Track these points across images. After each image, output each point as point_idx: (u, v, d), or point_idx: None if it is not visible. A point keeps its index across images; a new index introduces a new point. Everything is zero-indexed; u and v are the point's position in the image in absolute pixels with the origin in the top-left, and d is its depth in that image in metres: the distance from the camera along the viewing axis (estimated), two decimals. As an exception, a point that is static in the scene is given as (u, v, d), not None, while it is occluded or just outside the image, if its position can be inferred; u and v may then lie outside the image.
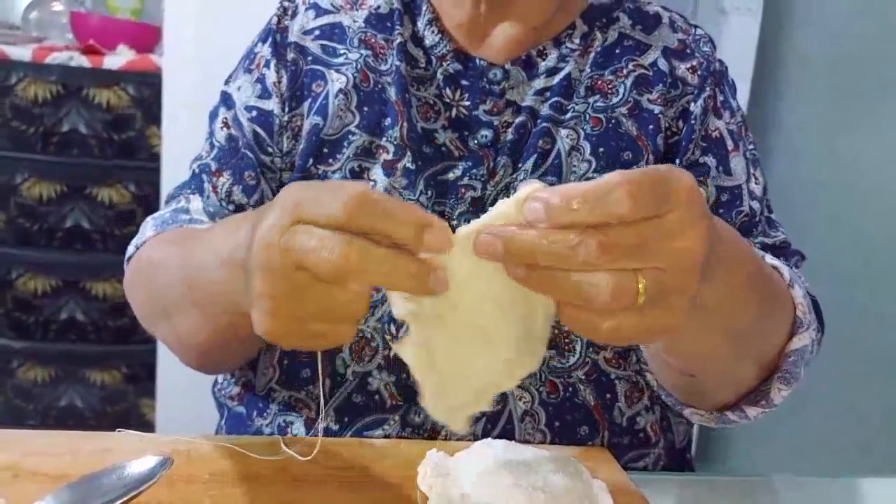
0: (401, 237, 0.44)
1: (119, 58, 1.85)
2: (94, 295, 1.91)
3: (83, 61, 1.83)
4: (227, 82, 0.84)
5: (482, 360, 0.48)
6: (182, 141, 0.88)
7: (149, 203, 1.87)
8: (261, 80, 0.80)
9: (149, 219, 0.80)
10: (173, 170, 1.66)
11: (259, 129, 0.79)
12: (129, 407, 1.96)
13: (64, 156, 1.86)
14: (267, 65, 0.80)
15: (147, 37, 1.96)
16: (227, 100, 0.82)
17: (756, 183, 0.80)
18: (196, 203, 0.79)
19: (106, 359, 1.93)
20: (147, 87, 1.84)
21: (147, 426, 1.93)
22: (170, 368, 1.81)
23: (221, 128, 0.81)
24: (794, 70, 1.81)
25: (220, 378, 0.84)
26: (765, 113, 1.84)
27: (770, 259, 0.70)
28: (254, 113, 0.79)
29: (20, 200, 1.87)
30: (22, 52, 1.83)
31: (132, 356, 1.93)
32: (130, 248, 0.79)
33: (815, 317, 0.68)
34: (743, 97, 1.78)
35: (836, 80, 1.69)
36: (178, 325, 0.71)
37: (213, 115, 0.83)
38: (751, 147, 0.81)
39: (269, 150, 0.78)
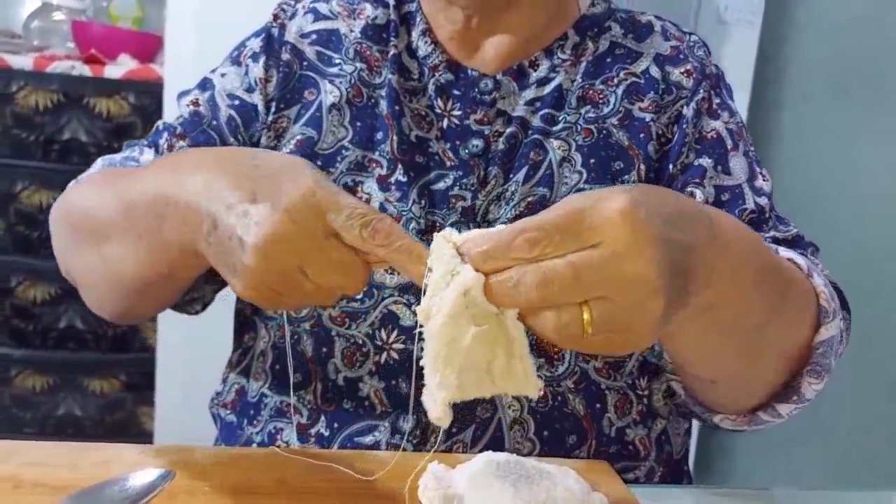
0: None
1: (120, 67, 1.86)
2: (93, 303, 1.91)
3: (84, 70, 1.84)
4: (212, 71, 0.84)
5: (485, 358, 0.48)
6: (183, 150, 0.88)
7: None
8: (246, 72, 0.80)
9: (99, 159, 0.80)
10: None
11: (236, 115, 0.79)
12: (127, 416, 1.95)
13: (64, 164, 1.86)
14: (254, 58, 0.80)
15: (148, 46, 1.97)
16: (204, 83, 0.82)
17: (764, 180, 0.78)
18: (148, 156, 0.79)
19: (105, 367, 1.93)
20: (148, 96, 1.85)
21: (145, 435, 1.93)
22: (169, 377, 1.80)
23: (188, 105, 0.81)
24: (794, 80, 1.82)
25: (218, 387, 0.84)
26: (764, 122, 1.85)
27: (784, 251, 0.69)
28: (236, 102, 0.79)
29: (20, 208, 1.87)
30: (23, 61, 1.83)
31: (131, 365, 1.93)
32: (72, 183, 0.78)
33: (839, 304, 0.67)
34: (742, 107, 1.79)
35: (835, 89, 1.70)
36: (110, 253, 0.66)
37: (184, 94, 0.83)
38: (752, 149, 0.81)
39: (240, 138, 0.79)
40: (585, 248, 0.44)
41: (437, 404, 0.47)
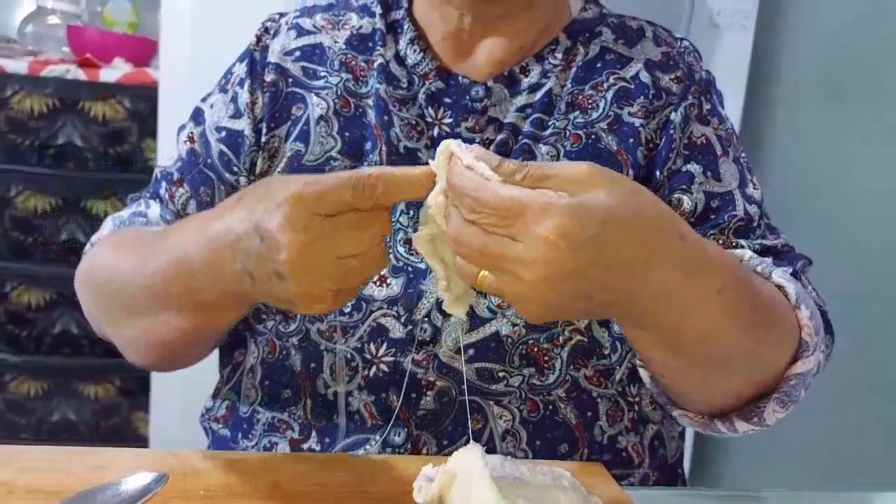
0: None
1: (115, 71, 1.86)
2: (88, 308, 1.91)
3: (79, 74, 1.83)
4: (203, 99, 0.84)
5: None
6: (178, 155, 0.88)
7: (144, 216, 1.86)
8: (234, 99, 0.80)
9: (108, 218, 0.82)
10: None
11: (226, 149, 0.79)
12: (122, 421, 1.95)
13: (59, 169, 1.86)
14: (241, 84, 0.80)
15: (143, 50, 1.97)
16: (197, 115, 0.83)
17: (755, 188, 0.78)
18: (154, 209, 0.80)
19: (100, 372, 1.92)
20: (143, 100, 1.84)
21: (140, 440, 1.92)
22: (163, 382, 1.80)
23: (185, 141, 0.82)
24: (787, 82, 1.83)
25: (208, 403, 0.84)
26: (758, 124, 1.85)
27: (777, 277, 0.67)
28: (223, 133, 0.79)
29: (15, 213, 1.87)
30: (18, 65, 1.83)
31: (126, 370, 1.92)
32: (88, 246, 0.80)
33: (823, 336, 0.66)
34: (736, 110, 1.79)
35: (828, 90, 1.71)
36: (147, 325, 0.69)
37: (181, 129, 0.84)
38: (743, 156, 0.80)
39: (235, 169, 0.79)
40: (510, 236, 0.48)
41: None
